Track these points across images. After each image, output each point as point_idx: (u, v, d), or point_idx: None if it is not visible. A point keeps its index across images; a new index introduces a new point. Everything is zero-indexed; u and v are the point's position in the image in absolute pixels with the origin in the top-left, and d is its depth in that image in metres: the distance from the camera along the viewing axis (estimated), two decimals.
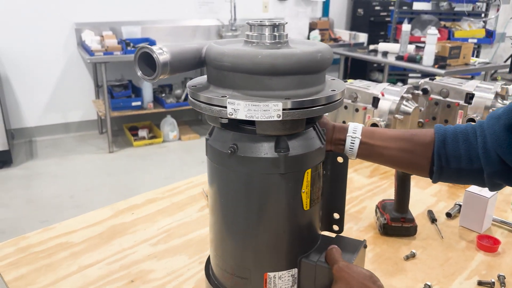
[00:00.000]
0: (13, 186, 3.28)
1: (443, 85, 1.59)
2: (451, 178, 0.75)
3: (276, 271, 0.67)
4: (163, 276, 0.91)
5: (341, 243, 0.70)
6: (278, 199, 0.64)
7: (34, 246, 1.00)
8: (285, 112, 0.57)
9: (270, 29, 0.64)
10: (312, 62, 0.60)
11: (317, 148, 0.64)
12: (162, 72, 0.59)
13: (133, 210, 1.18)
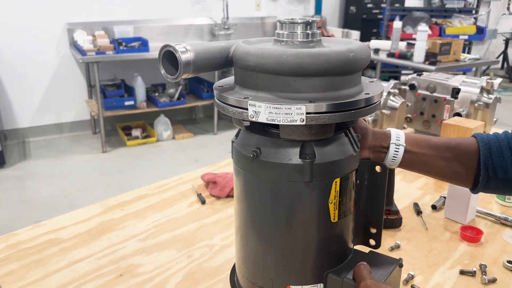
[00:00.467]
0: (6, 187, 3.28)
1: (430, 81, 1.62)
2: (497, 188, 0.72)
3: (300, 285, 0.65)
4: (152, 270, 0.92)
5: (373, 260, 0.67)
6: (303, 209, 0.62)
7: (24, 243, 1.01)
8: (309, 116, 0.54)
9: (302, 27, 0.61)
10: (343, 62, 0.56)
11: (348, 155, 0.61)
12: (185, 71, 0.58)
13: (123, 207, 1.19)
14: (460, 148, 0.73)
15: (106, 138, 4.00)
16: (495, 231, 1.07)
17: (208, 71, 0.63)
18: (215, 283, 0.88)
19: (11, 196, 3.15)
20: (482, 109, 1.49)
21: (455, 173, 0.73)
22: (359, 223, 0.71)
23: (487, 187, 0.72)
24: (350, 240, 0.69)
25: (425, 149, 0.73)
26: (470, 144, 0.72)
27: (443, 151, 0.73)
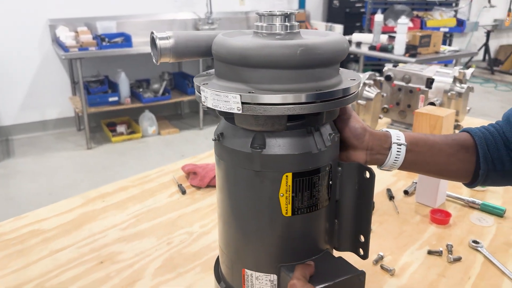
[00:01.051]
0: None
1: (405, 71, 1.66)
2: (496, 181, 0.73)
3: (254, 271, 0.67)
4: (131, 257, 0.95)
5: (334, 265, 0.66)
6: (256, 197, 0.63)
7: (6, 234, 1.03)
8: (245, 106, 0.56)
9: (280, 19, 0.61)
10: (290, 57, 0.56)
11: (304, 152, 0.61)
12: (163, 56, 0.64)
13: (104, 198, 1.21)
14: (458, 144, 0.72)
15: (91, 134, 3.99)
16: (463, 213, 1.12)
17: (191, 58, 0.67)
18: (193, 267, 0.91)
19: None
20: (455, 98, 1.54)
21: (455, 170, 0.73)
22: (347, 228, 0.71)
23: (486, 181, 0.73)
24: (320, 240, 0.68)
25: (425, 147, 0.71)
26: (466, 139, 0.73)
27: (443, 148, 0.72)
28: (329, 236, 0.71)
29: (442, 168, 0.73)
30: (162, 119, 4.41)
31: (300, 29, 0.66)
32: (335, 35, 0.63)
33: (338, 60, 0.62)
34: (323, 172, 0.64)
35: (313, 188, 0.63)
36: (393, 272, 0.89)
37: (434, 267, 0.91)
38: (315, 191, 0.64)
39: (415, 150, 0.70)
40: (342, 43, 0.61)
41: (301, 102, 0.56)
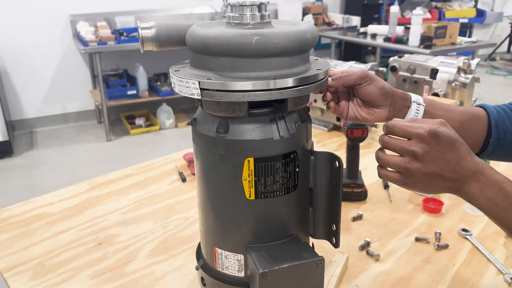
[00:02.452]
0: (13, 175, 3.39)
1: (410, 62, 1.66)
2: (505, 151, 0.77)
3: (223, 250, 0.71)
4: (128, 239, 1.00)
5: (296, 248, 0.68)
6: (220, 180, 0.67)
7: (14, 217, 1.09)
8: (204, 92, 0.60)
9: (251, 9, 0.64)
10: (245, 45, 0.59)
11: (265, 138, 0.63)
12: (146, 44, 0.69)
13: (108, 184, 1.26)
14: (471, 113, 0.77)
15: (110, 127, 4.10)
16: (457, 203, 1.12)
17: (173, 47, 0.71)
18: (185, 250, 0.95)
19: (18, 183, 3.27)
20: (459, 89, 1.53)
21: (466, 136, 0.72)
22: (321, 217, 0.73)
23: (495, 150, 0.77)
24: (288, 225, 0.71)
25: (441, 111, 0.76)
26: (479, 111, 0.78)
27: (457, 114, 0.76)
28: (301, 223, 0.73)
29: None
30: (179, 112, 4.49)
31: (271, 19, 0.68)
32: (302, 25, 0.65)
33: (299, 50, 0.64)
34: (286, 158, 0.66)
35: (276, 174, 0.66)
36: (378, 257, 0.91)
37: (420, 253, 0.93)
38: (279, 176, 0.66)
39: (431, 112, 0.76)
40: (304, 34, 0.63)
41: (256, 90, 0.59)
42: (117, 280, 0.86)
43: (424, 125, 0.61)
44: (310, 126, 0.72)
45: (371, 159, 1.35)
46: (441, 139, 0.60)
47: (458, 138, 0.61)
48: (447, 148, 0.60)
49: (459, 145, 0.61)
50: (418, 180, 0.62)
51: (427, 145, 0.60)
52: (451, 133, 0.61)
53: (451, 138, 0.60)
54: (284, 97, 0.61)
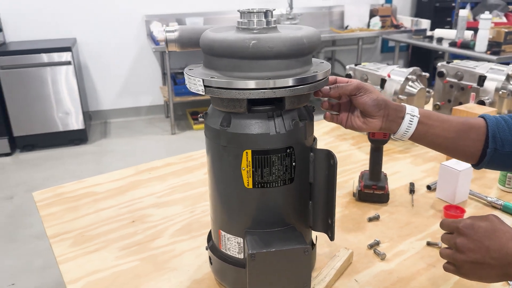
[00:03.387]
0: (86, 160, 3.73)
1: (458, 68, 1.61)
2: (503, 162, 0.76)
3: (226, 232, 0.78)
4: (158, 220, 1.11)
5: (287, 236, 0.73)
6: (223, 169, 0.74)
7: (67, 193, 1.25)
8: (207, 89, 0.68)
9: (257, 16, 0.71)
10: (243, 49, 0.65)
11: (261, 133, 0.69)
12: (170, 45, 0.79)
13: (151, 171, 1.39)
14: (470, 123, 0.78)
15: (176, 121, 4.34)
16: (481, 212, 1.10)
17: (195, 48, 0.80)
18: (205, 233, 1.04)
19: (89, 168, 3.58)
20: (507, 97, 1.47)
21: (464, 146, 0.78)
22: (319, 211, 0.79)
23: (492, 160, 0.76)
24: (285, 214, 0.76)
25: (437, 122, 0.78)
26: (478, 121, 0.78)
27: (454, 124, 0.78)
28: (299, 214, 0.79)
29: (451, 142, 0.78)
30: None
31: (277, 25, 0.75)
32: (303, 31, 0.70)
33: (295, 54, 0.69)
34: (282, 153, 0.72)
35: (272, 166, 0.72)
36: (384, 256, 0.93)
37: (428, 257, 0.94)
38: (275, 169, 0.72)
39: (427, 123, 0.78)
40: (300, 39, 0.68)
41: (251, 88, 0.66)
42: (141, 254, 0.97)
43: (464, 219, 0.68)
44: (311, 125, 0.77)
45: (403, 163, 1.36)
46: (478, 229, 0.65)
47: (498, 228, 0.65)
48: (485, 237, 0.64)
49: (500, 233, 0.64)
50: (467, 269, 0.66)
51: (465, 236, 0.66)
52: (489, 224, 0.65)
53: (488, 228, 0.65)
54: (277, 96, 0.67)
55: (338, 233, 1.02)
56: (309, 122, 0.76)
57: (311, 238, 0.86)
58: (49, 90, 3.77)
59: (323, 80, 0.73)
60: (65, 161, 3.70)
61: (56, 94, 3.81)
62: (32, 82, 3.70)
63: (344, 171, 1.35)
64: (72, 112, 3.92)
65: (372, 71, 1.60)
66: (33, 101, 3.76)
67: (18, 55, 3.63)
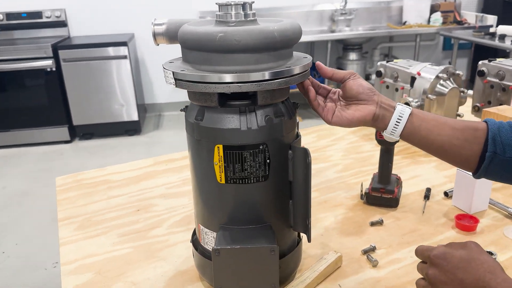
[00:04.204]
0: (138, 150, 3.90)
1: (500, 67, 1.49)
2: (503, 169, 0.68)
3: (204, 226, 0.78)
4: (162, 210, 1.14)
5: (258, 234, 0.72)
6: (197, 163, 0.75)
7: (86, 180, 1.32)
8: (178, 82, 0.68)
9: (235, 8, 0.69)
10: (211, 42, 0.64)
11: (232, 128, 0.69)
12: (158, 39, 0.81)
13: (168, 163, 1.43)
14: (468, 123, 0.71)
15: None
16: (499, 224, 1.01)
17: None
18: None
19: (140, 157, 3.73)
20: None
21: (459, 147, 0.70)
22: (298, 210, 0.77)
23: (492, 167, 0.68)
24: (260, 212, 0.74)
25: (430, 116, 0.72)
26: (478, 124, 0.71)
27: (450, 122, 0.71)
28: (277, 213, 0.77)
29: (445, 142, 0.71)
30: None
31: (256, 18, 0.73)
32: (277, 24, 0.68)
33: (265, 48, 0.66)
34: (255, 149, 0.70)
35: (244, 162, 0.71)
36: (376, 263, 0.88)
37: None
38: (247, 165, 0.71)
39: (419, 116, 0.72)
40: (270, 33, 0.66)
41: (218, 82, 0.65)
42: (137, 241, 1.00)
43: (438, 247, 0.62)
44: (291, 121, 0.75)
45: (426, 168, 1.29)
46: (451, 260, 0.59)
47: (475, 258, 0.59)
48: (459, 268, 0.58)
49: (477, 264, 0.58)
50: None
51: (437, 268, 0.60)
52: (465, 253, 0.59)
53: (464, 258, 0.59)
54: (243, 90, 0.66)
55: (335, 235, 0.99)
56: (288, 119, 0.74)
57: (294, 238, 0.83)
58: (106, 83, 3.99)
59: (298, 75, 0.70)
60: (119, 150, 3.90)
61: (113, 87, 4.02)
62: (91, 74, 3.93)
63: (360, 172, 1.29)
64: (127, 104, 4.11)
65: (402, 68, 1.52)
66: (91, 92, 3.99)
67: (78, 48, 3.88)
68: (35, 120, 3.97)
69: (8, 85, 3.86)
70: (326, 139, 1.55)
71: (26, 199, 3.00)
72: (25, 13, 4.11)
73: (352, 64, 4.56)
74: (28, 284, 2.14)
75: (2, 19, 4.09)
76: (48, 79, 3.86)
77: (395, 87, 1.55)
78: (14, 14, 4.10)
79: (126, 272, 0.89)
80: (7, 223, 2.68)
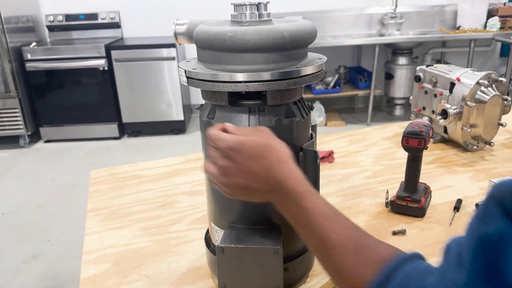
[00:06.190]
0: (181, 148, 4.00)
1: None
2: None
3: (214, 224, 0.79)
4: (185, 207, 1.16)
5: (265, 235, 0.71)
6: None
7: (119, 174, 1.37)
8: (189, 80, 0.69)
9: (250, 8, 0.70)
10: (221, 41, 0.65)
11: (241, 127, 0.67)
12: (179, 38, 0.82)
13: (198, 161, 1.45)
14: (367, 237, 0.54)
15: None
16: None
17: None
18: None
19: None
20: None
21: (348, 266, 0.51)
22: None
23: None
24: (269, 213, 0.73)
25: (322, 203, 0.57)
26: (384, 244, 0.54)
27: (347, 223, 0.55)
28: None
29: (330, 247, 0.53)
30: (332, 111, 4.54)
31: (272, 18, 0.73)
32: (288, 25, 0.67)
33: (275, 48, 0.66)
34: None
35: None
36: None
37: None
38: None
39: None
40: (280, 33, 0.65)
41: (226, 81, 0.65)
42: (157, 236, 1.03)
43: (232, 137, 0.60)
44: (303, 123, 0.74)
45: (461, 178, 1.23)
46: (242, 152, 0.58)
47: (264, 145, 0.58)
48: (250, 159, 0.57)
49: (267, 153, 0.57)
50: (233, 193, 0.61)
51: (230, 160, 0.59)
52: (257, 141, 0.58)
53: (254, 149, 0.58)
54: (250, 90, 0.66)
55: None
56: (299, 120, 0.73)
57: None
58: (155, 83, 4.13)
59: (308, 76, 0.69)
60: (163, 148, 4.02)
61: (161, 87, 4.15)
62: (140, 74, 4.08)
63: (390, 180, 1.25)
64: (174, 104, 4.23)
65: (442, 73, 1.46)
66: (140, 91, 4.15)
67: (129, 49, 4.04)
68: (87, 117, 4.18)
69: (64, 83, 4.09)
70: (358, 144, 1.52)
71: (72, 191, 3.16)
72: (83, 15, 4.34)
73: (401, 69, 4.42)
74: (68, 271, 2.25)
75: (62, 20, 4.35)
76: (101, 78, 4.05)
77: (433, 92, 1.48)
78: (72, 15, 4.35)
79: (142, 265, 0.92)
80: (54, 213, 2.84)
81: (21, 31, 4.12)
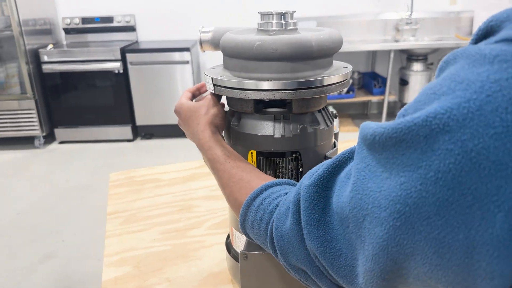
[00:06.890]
0: (192, 152, 3.96)
1: None
2: None
3: (236, 230, 0.80)
4: (203, 211, 1.16)
5: None
6: None
7: (137, 177, 1.38)
8: (216, 87, 0.70)
9: (276, 17, 0.71)
10: (248, 50, 0.65)
11: (265, 135, 0.69)
12: (204, 46, 0.82)
13: None
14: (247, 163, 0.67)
15: None
16: None
17: None
18: None
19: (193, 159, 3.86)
20: None
21: None
22: None
23: None
24: None
25: None
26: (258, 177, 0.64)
27: None
28: None
29: None
30: (345, 117, 4.52)
31: (297, 27, 0.73)
32: (316, 34, 0.68)
33: (302, 56, 0.66)
34: (288, 157, 0.70)
35: (277, 169, 0.71)
36: None
37: None
38: (279, 172, 0.71)
39: None
40: (307, 42, 0.65)
41: (252, 89, 0.66)
42: (176, 240, 1.03)
43: (179, 101, 0.77)
44: (327, 131, 0.74)
45: None
46: (181, 114, 0.76)
47: (191, 115, 0.73)
48: (185, 122, 0.75)
49: (191, 122, 0.73)
50: None
51: (179, 117, 0.77)
52: (190, 107, 0.74)
53: (185, 116, 0.74)
54: (276, 98, 0.66)
55: None
56: (324, 128, 0.73)
57: None
58: (168, 86, 4.16)
59: (334, 85, 0.69)
60: (175, 151, 4.04)
61: (175, 90, 4.17)
62: (154, 77, 4.12)
63: None
64: None
65: None
66: (154, 94, 4.18)
67: (144, 53, 4.08)
68: (101, 119, 4.22)
69: (79, 85, 4.14)
70: None
71: (85, 193, 3.19)
72: (98, 18, 4.39)
73: (416, 75, 4.40)
74: (82, 271, 2.27)
75: (78, 23, 4.41)
76: (115, 81, 4.09)
77: None
78: (88, 18, 4.40)
79: (162, 268, 0.92)
80: (68, 214, 2.87)
81: (38, 34, 4.18)
